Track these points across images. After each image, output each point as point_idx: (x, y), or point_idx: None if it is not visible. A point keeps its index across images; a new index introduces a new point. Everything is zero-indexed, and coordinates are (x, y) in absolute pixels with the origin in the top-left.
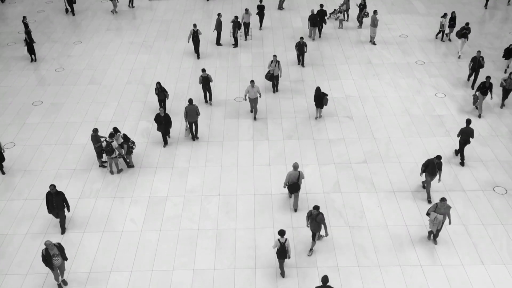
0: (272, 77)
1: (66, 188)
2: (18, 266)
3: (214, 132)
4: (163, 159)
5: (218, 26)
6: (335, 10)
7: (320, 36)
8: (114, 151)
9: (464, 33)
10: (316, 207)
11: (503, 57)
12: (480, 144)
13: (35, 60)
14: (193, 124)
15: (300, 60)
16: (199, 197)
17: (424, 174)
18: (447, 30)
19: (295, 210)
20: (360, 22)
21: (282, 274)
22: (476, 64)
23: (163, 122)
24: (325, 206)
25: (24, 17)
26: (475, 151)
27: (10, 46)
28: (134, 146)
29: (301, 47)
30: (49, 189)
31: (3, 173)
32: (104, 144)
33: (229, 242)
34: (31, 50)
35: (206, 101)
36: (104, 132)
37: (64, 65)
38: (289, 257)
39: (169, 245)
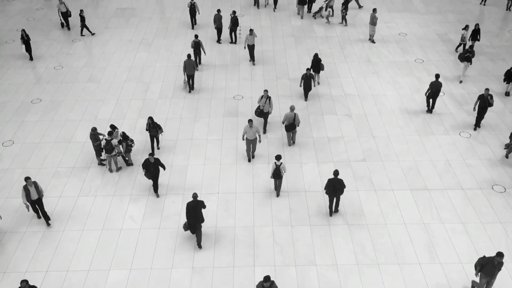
0: (262, 114)
1: (65, 186)
2: (17, 264)
3: (213, 130)
4: (162, 158)
5: (218, 22)
6: (321, 8)
7: (312, 16)
8: (113, 149)
9: (467, 56)
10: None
11: (504, 81)
12: (479, 142)
13: (32, 59)
14: (190, 77)
15: (307, 96)
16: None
17: (479, 274)
18: (469, 43)
19: (293, 143)
20: (344, 19)
21: (277, 194)
22: (485, 103)
23: (152, 169)
24: (324, 204)
25: (81, 10)
26: (474, 149)
27: (9, 44)
28: (132, 144)
29: (308, 80)
30: (19, 286)
31: (48, 224)
32: (103, 142)
33: (228, 240)
34: (29, 49)
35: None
36: (103, 130)
37: (63, 63)
38: (283, 174)
39: (168, 243)
